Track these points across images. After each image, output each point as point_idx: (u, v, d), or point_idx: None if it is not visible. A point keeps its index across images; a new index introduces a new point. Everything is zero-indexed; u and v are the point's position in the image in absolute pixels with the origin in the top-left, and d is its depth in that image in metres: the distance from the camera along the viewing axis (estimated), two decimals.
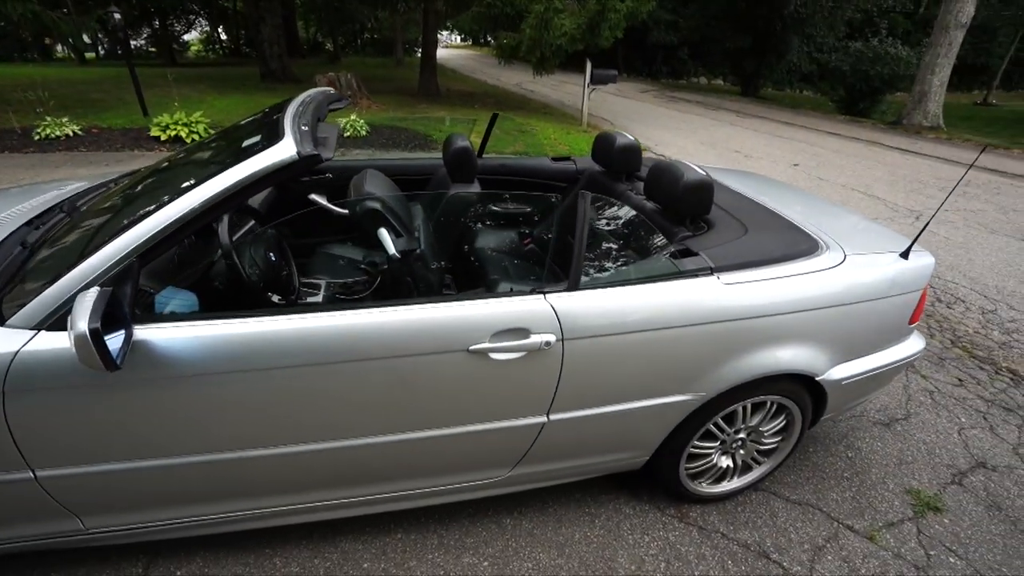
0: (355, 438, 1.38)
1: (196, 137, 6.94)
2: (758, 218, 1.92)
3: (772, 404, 1.81)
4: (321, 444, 1.37)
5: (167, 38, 20.32)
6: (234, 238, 1.57)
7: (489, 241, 2.48)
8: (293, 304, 1.64)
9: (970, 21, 11.89)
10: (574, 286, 1.42)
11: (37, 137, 6.52)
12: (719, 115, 13.20)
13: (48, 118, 6.72)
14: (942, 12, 12.06)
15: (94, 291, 1.04)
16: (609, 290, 1.45)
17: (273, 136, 1.28)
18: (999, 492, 2.16)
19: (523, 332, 1.35)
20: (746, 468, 1.99)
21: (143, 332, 1.16)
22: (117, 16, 7.20)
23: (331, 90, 2.04)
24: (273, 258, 1.61)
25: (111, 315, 1.05)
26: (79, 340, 0.95)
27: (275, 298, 1.57)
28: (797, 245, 1.75)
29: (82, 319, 0.97)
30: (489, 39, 28.33)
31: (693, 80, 24.30)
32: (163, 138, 6.85)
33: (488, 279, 2.16)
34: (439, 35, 12.88)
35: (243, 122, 1.90)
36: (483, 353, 1.33)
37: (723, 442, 1.85)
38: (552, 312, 1.37)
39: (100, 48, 22.21)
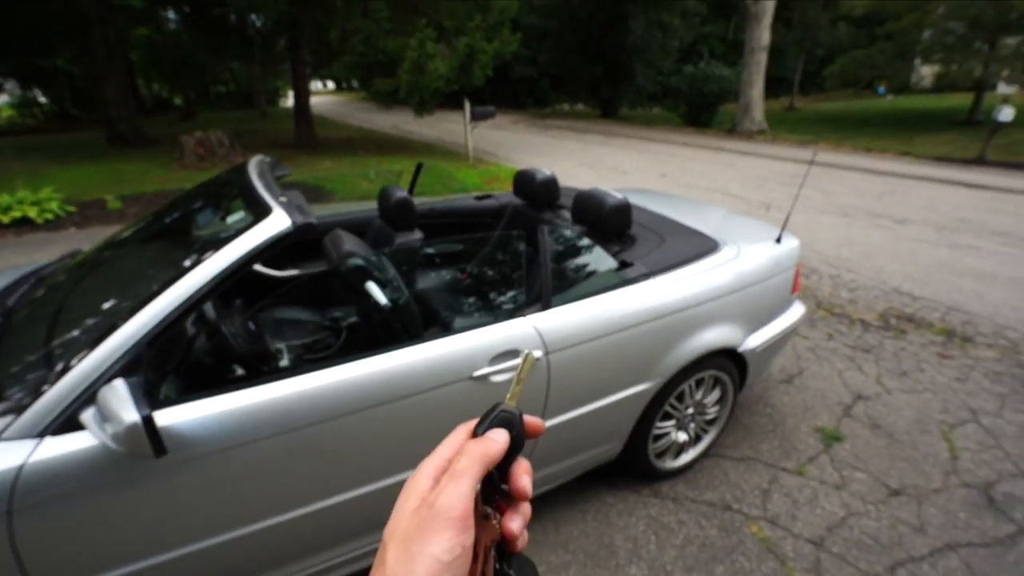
0: (374, 483, 1.44)
1: (49, 216, 6.18)
2: (667, 227, 2.30)
3: (709, 379, 2.15)
4: (340, 497, 1.41)
5: None
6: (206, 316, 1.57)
7: (433, 282, 2.62)
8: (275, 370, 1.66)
9: (769, 44, 14.41)
10: (546, 306, 1.63)
11: None
12: (588, 137, 14.45)
13: None
14: (747, 38, 14.50)
15: (119, 383, 1.04)
16: (575, 304, 1.68)
17: (260, 210, 1.34)
18: (875, 414, 2.72)
19: (515, 353, 1.53)
20: (697, 439, 2.31)
21: (164, 417, 1.15)
22: None
23: (267, 159, 2.08)
24: (253, 327, 1.62)
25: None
26: (131, 430, 0.96)
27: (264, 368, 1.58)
28: (704, 245, 2.14)
29: (126, 410, 0.98)
30: (354, 84, 28.21)
31: (557, 107, 26.24)
32: (6, 221, 5.98)
33: (440, 317, 2.30)
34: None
35: (179, 201, 1.88)
36: (484, 377, 1.48)
37: (678, 419, 2.16)
38: (535, 331, 1.57)
39: None
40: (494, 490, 0.38)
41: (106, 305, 1.34)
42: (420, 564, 0.31)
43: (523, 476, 0.38)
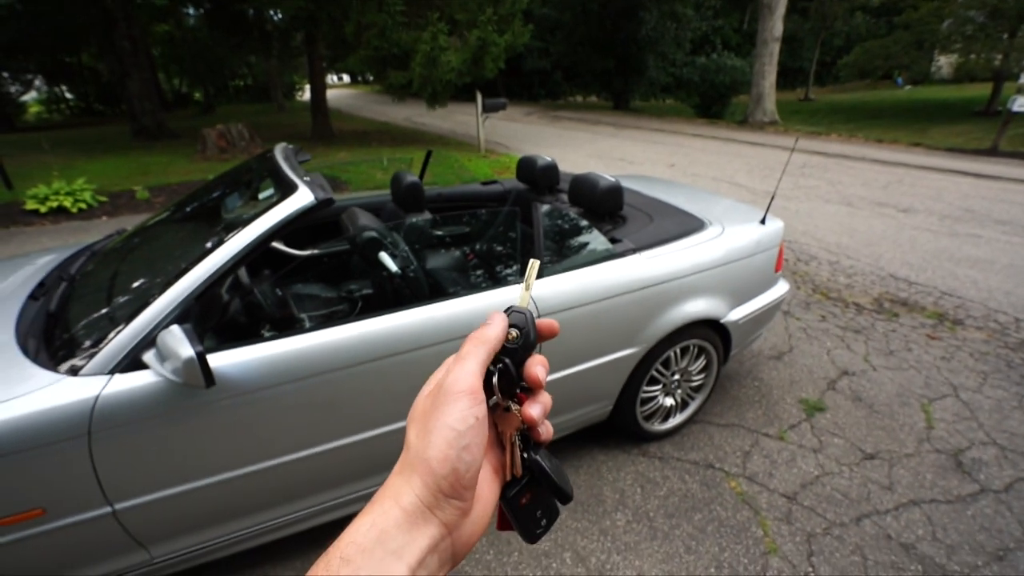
0: (384, 426, 1.66)
1: (82, 206, 6.52)
2: (658, 208, 2.47)
3: (694, 347, 2.33)
4: (356, 437, 1.63)
5: (2, 102, 18.11)
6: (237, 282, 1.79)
7: (442, 261, 2.83)
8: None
9: (782, 35, 14.33)
10: (539, 275, 1.82)
11: None
12: (599, 129, 14.52)
13: None
14: (759, 29, 14.42)
15: (176, 327, 1.26)
16: (567, 274, 1.87)
17: (287, 187, 1.56)
18: (858, 389, 2.87)
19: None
20: (684, 405, 2.50)
21: (215, 360, 1.37)
22: None
23: (290, 146, 2.30)
24: (280, 293, 1.84)
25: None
26: (188, 364, 1.18)
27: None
28: (690, 224, 2.31)
29: (183, 347, 1.20)
30: (370, 77, 28.48)
31: (569, 99, 26.25)
32: (43, 211, 6.33)
33: (445, 287, 2.51)
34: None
35: (212, 184, 2.10)
36: None
37: (664, 384, 2.34)
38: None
39: None
40: (513, 384, 0.40)
41: (158, 269, 1.56)
42: (437, 435, 0.35)
43: (537, 367, 0.40)
